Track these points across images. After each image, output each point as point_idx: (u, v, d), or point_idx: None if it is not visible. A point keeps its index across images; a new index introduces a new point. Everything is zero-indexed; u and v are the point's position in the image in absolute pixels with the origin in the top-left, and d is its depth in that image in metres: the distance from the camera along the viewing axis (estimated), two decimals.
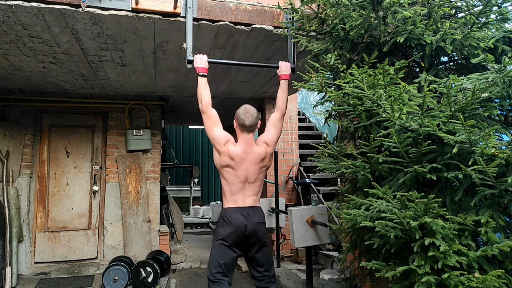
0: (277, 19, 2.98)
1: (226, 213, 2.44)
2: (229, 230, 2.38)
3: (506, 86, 1.68)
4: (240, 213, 2.41)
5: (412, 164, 1.77)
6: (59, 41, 3.13)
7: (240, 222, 2.38)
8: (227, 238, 2.38)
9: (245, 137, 2.49)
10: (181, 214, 6.54)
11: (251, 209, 2.45)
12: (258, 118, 2.53)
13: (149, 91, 5.11)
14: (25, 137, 4.75)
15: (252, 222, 2.40)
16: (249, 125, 2.46)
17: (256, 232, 2.42)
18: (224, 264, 2.37)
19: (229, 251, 2.39)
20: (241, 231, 2.38)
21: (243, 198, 2.47)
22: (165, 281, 4.42)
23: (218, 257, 2.39)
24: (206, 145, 10.99)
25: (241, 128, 2.49)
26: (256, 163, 2.49)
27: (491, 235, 1.51)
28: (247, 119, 2.46)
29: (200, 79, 2.52)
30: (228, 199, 2.48)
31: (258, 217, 2.46)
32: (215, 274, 2.37)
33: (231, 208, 2.44)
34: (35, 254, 4.72)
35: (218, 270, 2.37)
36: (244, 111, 2.49)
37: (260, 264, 2.48)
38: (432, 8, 2.01)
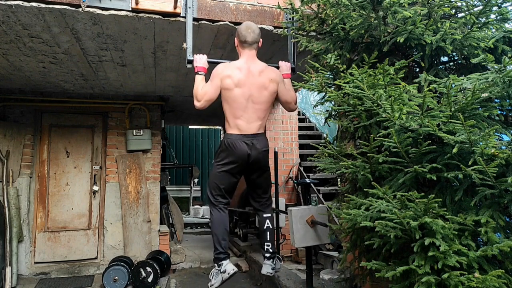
0: (277, 19, 2.98)
1: (229, 140, 2.39)
2: (231, 158, 2.38)
3: (506, 86, 1.67)
4: (243, 141, 2.37)
5: (412, 164, 1.77)
6: (59, 41, 3.13)
7: (243, 151, 2.36)
8: (228, 165, 2.39)
9: (247, 53, 2.46)
10: (181, 214, 6.54)
11: (254, 137, 2.41)
12: (259, 35, 2.49)
13: (149, 91, 5.11)
14: (25, 137, 4.75)
15: (256, 150, 2.39)
16: (251, 41, 2.43)
17: (259, 160, 2.43)
18: (224, 188, 2.47)
19: (229, 176, 2.44)
20: (243, 159, 2.37)
21: (247, 122, 2.40)
22: (165, 281, 4.42)
23: (218, 181, 2.47)
24: (206, 145, 10.99)
25: (242, 44, 2.46)
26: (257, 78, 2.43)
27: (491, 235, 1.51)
28: (248, 35, 2.43)
29: (197, 76, 2.52)
30: (230, 123, 2.42)
31: (262, 144, 2.44)
32: (216, 196, 2.49)
33: (234, 135, 2.39)
34: (35, 254, 4.72)
35: (218, 192, 2.49)
36: (245, 27, 2.46)
37: (259, 186, 2.58)
38: (432, 8, 2.01)
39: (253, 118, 2.42)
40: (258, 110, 2.44)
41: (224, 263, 2.49)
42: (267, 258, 2.68)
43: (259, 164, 2.44)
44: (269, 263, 2.66)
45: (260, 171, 2.51)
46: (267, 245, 2.67)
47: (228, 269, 2.48)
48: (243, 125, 2.40)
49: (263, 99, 2.46)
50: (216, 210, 2.51)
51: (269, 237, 2.68)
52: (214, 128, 11.34)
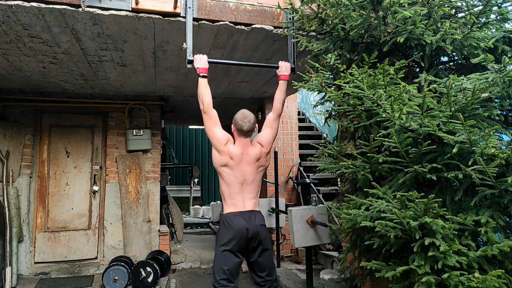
0: (277, 19, 2.98)
1: (226, 218, 2.45)
2: (231, 234, 2.39)
3: (506, 86, 1.67)
4: (241, 217, 2.42)
5: (412, 164, 1.77)
6: (59, 41, 3.13)
7: (241, 226, 2.39)
8: (230, 243, 2.38)
9: (243, 141, 2.54)
10: (181, 214, 6.54)
11: (251, 213, 2.46)
12: (255, 123, 2.58)
13: (149, 91, 5.11)
14: (25, 137, 4.75)
15: (253, 224, 2.41)
16: (246, 130, 2.52)
17: (258, 234, 2.42)
18: (228, 270, 2.37)
19: (232, 256, 2.40)
20: (243, 234, 2.38)
21: (242, 201, 2.48)
22: (165, 281, 4.42)
23: (222, 263, 2.39)
24: (206, 145, 10.98)
25: (238, 132, 2.54)
26: (252, 163, 2.51)
27: (491, 235, 1.51)
28: (245, 125, 2.51)
29: (200, 80, 2.53)
30: (227, 202, 2.50)
31: (259, 220, 2.47)
32: (220, 281, 2.37)
33: (231, 213, 2.45)
34: (35, 254, 4.72)
35: (223, 276, 2.37)
36: (242, 116, 2.53)
37: (262, 268, 2.48)
38: (432, 8, 2.01)
39: (248, 197, 2.50)
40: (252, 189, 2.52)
41: None
42: None
43: (258, 238, 2.42)
44: None
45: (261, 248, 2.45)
46: None
47: None
48: (239, 203, 2.47)
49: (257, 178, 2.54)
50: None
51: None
52: None
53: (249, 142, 2.57)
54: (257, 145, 2.57)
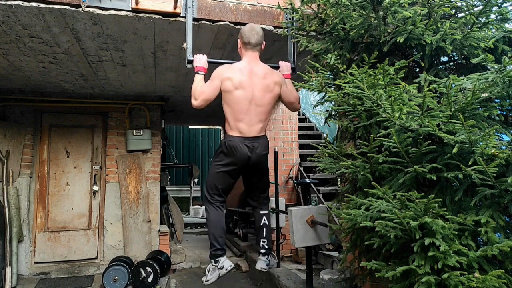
0: (277, 19, 2.98)
1: (230, 142, 2.37)
2: (231, 160, 2.37)
3: (506, 86, 1.67)
4: (244, 144, 2.36)
5: (412, 164, 1.77)
6: (59, 41, 3.13)
7: (243, 154, 2.35)
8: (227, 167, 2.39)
9: (250, 55, 2.45)
10: (181, 214, 6.54)
11: (256, 140, 2.40)
12: (263, 37, 2.48)
13: (149, 91, 5.11)
14: (25, 137, 4.75)
15: (256, 153, 2.39)
16: (254, 43, 2.42)
17: (259, 163, 2.43)
18: (221, 188, 2.48)
19: (228, 177, 2.45)
20: (243, 162, 2.37)
21: (248, 125, 2.38)
22: (165, 281, 4.42)
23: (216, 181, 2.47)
24: (206, 145, 10.99)
25: (245, 46, 2.45)
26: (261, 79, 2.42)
27: (491, 235, 1.51)
28: (252, 37, 2.42)
29: (196, 75, 2.51)
30: (232, 125, 2.40)
31: (262, 148, 2.43)
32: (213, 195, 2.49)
33: (235, 138, 2.37)
34: (35, 254, 4.72)
35: (215, 192, 2.49)
36: (250, 28, 2.45)
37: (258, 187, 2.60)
38: (432, 8, 2.01)
39: (255, 120, 2.40)
40: (260, 113, 2.42)
41: (222, 259, 2.50)
42: (262, 254, 2.71)
43: (258, 166, 2.45)
44: (264, 259, 2.69)
45: (259, 173, 2.52)
46: (263, 241, 2.70)
47: (225, 265, 2.49)
48: (245, 128, 2.38)
49: (266, 101, 2.44)
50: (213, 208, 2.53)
51: (265, 233, 2.71)
52: (214, 128, 11.34)
53: (258, 58, 2.47)
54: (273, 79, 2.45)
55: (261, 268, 2.68)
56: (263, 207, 2.73)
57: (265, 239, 2.70)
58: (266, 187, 2.69)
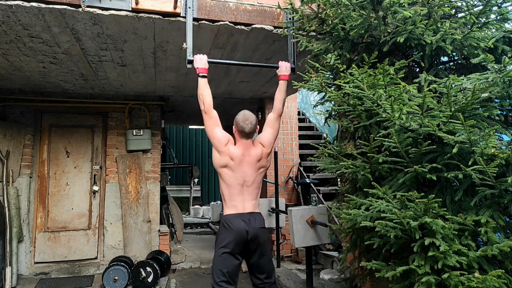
0: (277, 19, 2.98)
1: (226, 220, 2.44)
2: (231, 236, 2.38)
3: (506, 86, 1.68)
4: (240, 219, 2.41)
5: (412, 164, 1.77)
6: (59, 41, 3.13)
7: (241, 228, 2.38)
8: (229, 245, 2.38)
9: (244, 142, 2.53)
10: (181, 214, 6.54)
11: (251, 215, 2.46)
12: (257, 125, 2.57)
13: (149, 91, 5.11)
14: (25, 137, 4.75)
15: (253, 227, 2.41)
16: (248, 132, 2.51)
17: (257, 237, 2.42)
18: (227, 273, 2.37)
19: (231, 258, 2.39)
20: (242, 236, 2.38)
21: (242, 203, 2.47)
22: (165, 281, 4.42)
23: (221, 265, 2.38)
24: (206, 145, 10.98)
25: (240, 134, 2.53)
26: (253, 164, 2.51)
27: (491, 235, 1.51)
28: (246, 127, 2.50)
29: (200, 80, 2.52)
30: (227, 204, 2.49)
31: (258, 222, 2.47)
32: (220, 283, 2.37)
33: (231, 215, 2.44)
34: (35, 254, 4.72)
35: (222, 279, 2.37)
36: (243, 118, 2.52)
37: (261, 270, 2.49)
38: (432, 8, 2.01)
39: (248, 198, 2.50)
40: (252, 190, 2.51)
41: None
42: None
43: (257, 241, 2.42)
44: None
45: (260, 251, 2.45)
46: None
47: None
48: (239, 205, 2.47)
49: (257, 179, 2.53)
50: None
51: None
52: None
53: (250, 143, 2.56)
54: (258, 145, 2.57)
55: None
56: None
57: None
58: (271, 270, 2.55)
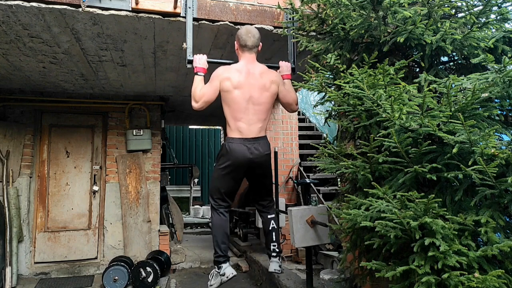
0: (277, 19, 2.98)
1: (230, 144, 2.38)
2: (232, 162, 2.37)
3: (506, 86, 1.67)
4: (244, 145, 2.37)
5: (412, 164, 1.77)
6: (59, 41, 3.13)
7: (244, 156, 2.36)
8: (229, 169, 2.38)
9: (247, 56, 2.48)
10: (181, 214, 6.54)
11: (256, 141, 2.41)
12: (259, 40, 2.52)
13: (149, 91, 5.11)
14: (25, 137, 4.75)
15: (257, 155, 2.39)
16: (251, 45, 2.46)
17: (261, 164, 2.44)
18: (224, 192, 2.48)
19: (230, 180, 2.45)
20: (244, 164, 2.37)
21: (248, 125, 2.40)
22: (165, 281, 4.42)
23: (219, 185, 2.48)
24: (206, 145, 10.99)
25: (242, 48, 2.48)
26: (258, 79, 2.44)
27: (491, 235, 1.51)
28: (249, 39, 2.45)
29: (196, 77, 2.52)
30: (231, 126, 2.41)
31: (263, 149, 2.43)
32: (216, 200, 2.50)
33: (235, 139, 2.39)
34: (35, 254, 4.72)
35: (219, 196, 2.50)
36: (246, 31, 2.48)
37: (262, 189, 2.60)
38: (432, 8, 2.01)
39: (253, 120, 2.42)
40: (258, 112, 2.43)
41: (224, 266, 2.51)
42: (273, 256, 2.71)
43: (261, 168, 2.45)
44: (276, 260, 2.69)
45: (262, 175, 2.52)
46: (273, 245, 2.70)
47: (227, 272, 2.50)
48: (244, 127, 2.39)
49: (264, 100, 2.46)
50: (216, 214, 2.53)
51: (274, 237, 2.72)
52: (214, 128, 11.34)
53: (255, 59, 2.50)
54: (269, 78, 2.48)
55: (275, 270, 2.67)
56: (270, 211, 2.73)
57: (275, 243, 2.71)
58: (271, 188, 2.69)
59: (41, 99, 4.88)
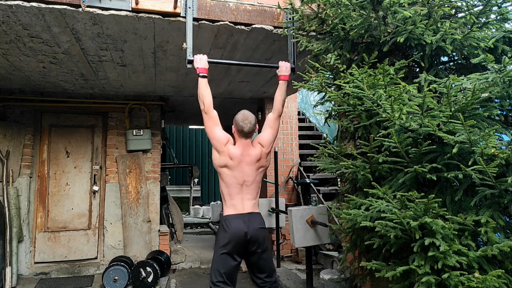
0: (277, 19, 2.98)
1: (226, 221, 2.44)
2: (229, 237, 2.38)
3: (506, 86, 1.68)
4: (240, 220, 2.41)
5: (412, 164, 1.77)
6: (59, 41, 3.13)
7: (240, 229, 2.38)
8: (228, 246, 2.38)
9: (243, 142, 2.53)
10: (181, 214, 6.54)
11: (250, 215, 2.46)
12: (256, 124, 2.58)
13: (149, 91, 5.11)
14: (25, 137, 4.75)
15: (252, 228, 2.41)
16: (247, 131, 2.51)
17: (257, 238, 2.42)
18: (225, 274, 2.38)
19: (229, 259, 2.40)
20: (241, 238, 2.38)
21: (242, 202, 2.47)
22: (165, 281, 4.42)
23: (219, 266, 2.39)
24: (206, 145, 10.98)
25: (239, 134, 2.53)
26: (252, 164, 2.51)
27: (491, 235, 1.51)
28: (245, 126, 2.50)
29: (200, 80, 2.53)
30: (227, 204, 2.49)
31: (258, 222, 2.46)
32: (217, 283, 2.38)
33: (231, 215, 2.45)
34: (35, 254, 4.72)
35: (219, 279, 2.38)
36: (243, 117, 2.53)
37: (262, 270, 2.49)
38: (432, 8, 2.01)
39: (247, 198, 2.50)
40: (252, 190, 2.51)
41: None
42: None
43: (257, 242, 2.42)
44: None
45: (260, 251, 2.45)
46: None
47: None
48: (239, 204, 2.47)
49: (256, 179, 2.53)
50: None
51: None
52: None
53: (249, 143, 2.56)
54: (257, 145, 2.57)
55: None
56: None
57: None
58: (272, 269, 2.55)
59: (41, 99, 4.88)
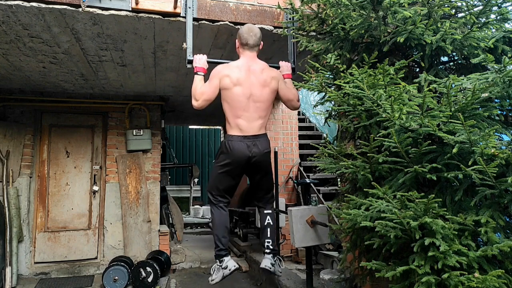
0: (277, 19, 2.98)
1: (230, 142, 2.38)
2: (231, 160, 2.37)
3: (506, 86, 1.67)
4: (244, 143, 2.36)
5: (412, 164, 1.77)
6: (59, 41, 3.13)
7: (244, 153, 2.35)
8: (228, 167, 2.38)
9: (248, 54, 2.48)
10: (181, 214, 6.54)
11: (256, 138, 2.40)
12: (260, 38, 2.52)
13: (149, 91, 5.11)
14: (25, 137, 4.75)
15: (257, 153, 2.39)
16: (252, 44, 2.45)
17: (260, 162, 2.43)
18: (223, 189, 2.49)
19: (229, 178, 2.45)
20: (244, 161, 2.37)
21: (248, 122, 2.39)
22: (165, 281, 4.42)
23: (218, 182, 2.48)
24: (206, 145, 10.99)
25: (243, 46, 2.48)
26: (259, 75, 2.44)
27: (491, 235, 1.51)
28: (250, 38, 2.45)
29: (196, 76, 2.52)
30: (231, 123, 2.41)
31: (264, 146, 2.43)
32: (215, 196, 2.51)
33: (235, 137, 2.38)
34: (35, 254, 4.72)
35: (217, 193, 2.51)
36: (247, 30, 2.48)
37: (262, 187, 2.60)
38: (432, 8, 2.01)
39: (254, 117, 2.41)
40: (259, 109, 2.43)
41: (226, 259, 2.50)
42: (266, 253, 2.66)
43: (260, 166, 2.45)
44: (269, 257, 2.63)
45: (262, 172, 2.51)
46: (267, 241, 2.65)
47: (229, 265, 2.48)
48: (244, 124, 2.39)
49: (265, 97, 2.46)
50: (216, 208, 2.54)
51: (269, 233, 2.67)
52: (214, 128, 11.34)
53: (255, 56, 2.50)
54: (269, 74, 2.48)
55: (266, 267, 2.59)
56: (267, 206, 2.73)
57: (270, 239, 2.66)
58: (271, 186, 2.68)
59: (41, 99, 4.88)
